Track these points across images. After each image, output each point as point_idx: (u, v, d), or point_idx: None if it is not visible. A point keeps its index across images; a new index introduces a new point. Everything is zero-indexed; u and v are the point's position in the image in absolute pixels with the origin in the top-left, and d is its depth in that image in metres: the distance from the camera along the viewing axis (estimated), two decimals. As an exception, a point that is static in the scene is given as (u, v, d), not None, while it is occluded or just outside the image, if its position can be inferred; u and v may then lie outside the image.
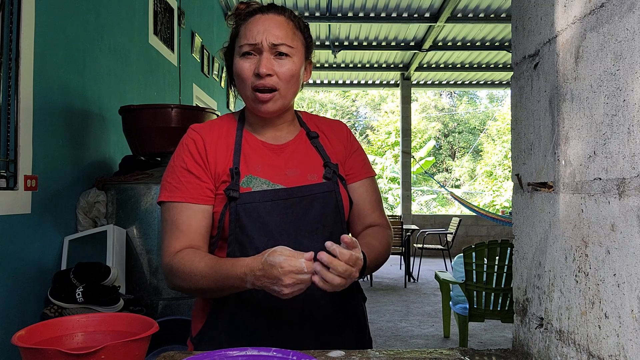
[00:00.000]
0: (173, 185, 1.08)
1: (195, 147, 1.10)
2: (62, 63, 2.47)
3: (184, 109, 2.72)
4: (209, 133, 1.12)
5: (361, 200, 1.20)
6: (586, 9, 0.70)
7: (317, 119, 1.25)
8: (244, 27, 1.09)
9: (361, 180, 1.21)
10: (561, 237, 0.77)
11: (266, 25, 1.07)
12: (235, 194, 1.05)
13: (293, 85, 1.10)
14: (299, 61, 1.10)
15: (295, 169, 1.12)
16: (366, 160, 1.25)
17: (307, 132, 1.19)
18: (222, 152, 1.10)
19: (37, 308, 2.23)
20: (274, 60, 1.06)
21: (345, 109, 22.07)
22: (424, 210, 17.70)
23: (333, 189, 1.13)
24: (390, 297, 5.74)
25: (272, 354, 0.79)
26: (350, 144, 1.23)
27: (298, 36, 1.11)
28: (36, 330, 0.80)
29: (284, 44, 1.07)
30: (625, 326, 0.61)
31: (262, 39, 1.06)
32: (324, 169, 1.15)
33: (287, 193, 1.08)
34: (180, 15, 4.53)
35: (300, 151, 1.16)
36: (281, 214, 1.07)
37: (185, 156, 1.10)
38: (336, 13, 6.94)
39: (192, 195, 1.07)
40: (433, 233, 8.32)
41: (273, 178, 1.10)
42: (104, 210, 2.54)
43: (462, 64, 9.09)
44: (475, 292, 3.45)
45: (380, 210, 1.23)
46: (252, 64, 1.07)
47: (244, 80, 1.08)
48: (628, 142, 0.61)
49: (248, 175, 1.09)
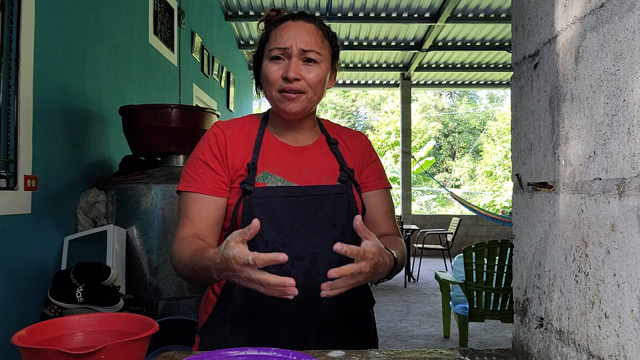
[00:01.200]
0: (190, 176, 1.13)
1: (215, 141, 1.14)
2: (62, 63, 2.47)
3: (184, 109, 2.72)
4: (231, 129, 1.16)
5: (375, 209, 1.22)
6: (586, 9, 0.70)
7: (339, 127, 1.29)
8: (274, 32, 1.13)
9: (376, 190, 1.23)
10: (561, 237, 0.77)
11: (296, 32, 1.10)
12: (250, 187, 1.09)
13: (319, 91, 1.13)
14: (326, 68, 1.14)
15: (311, 169, 1.16)
16: (383, 172, 1.28)
17: (327, 138, 1.23)
18: (241, 148, 1.14)
19: (37, 308, 2.23)
20: (302, 65, 1.10)
21: (345, 109, 22.07)
22: (424, 210, 17.70)
23: (346, 192, 1.15)
24: (390, 297, 5.74)
25: (272, 354, 0.79)
26: (369, 154, 1.26)
27: (326, 44, 1.14)
28: (36, 330, 0.80)
29: (313, 51, 1.10)
30: (625, 326, 0.61)
31: (292, 44, 1.09)
32: (340, 172, 1.17)
33: (301, 191, 1.11)
34: (180, 15, 4.53)
35: (318, 154, 1.19)
36: (293, 210, 1.10)
37: (205, 149, 1.14)
38: (336, 13, 6.95)
39: (205, 186, 1.10)
40: (433, 233, 8.32)
41: (288, 176, 1.13)
42: (104, 210, 2.54)
43: (462, 64, 9.09)
44: (475, 292, 3.45)
45: (393, 221, 1.25)
46: (280, 67, 1.10)
47: (272, 82, 1.11)
48: (628, 142, 0.61)
49: (264, 172, 1.12)
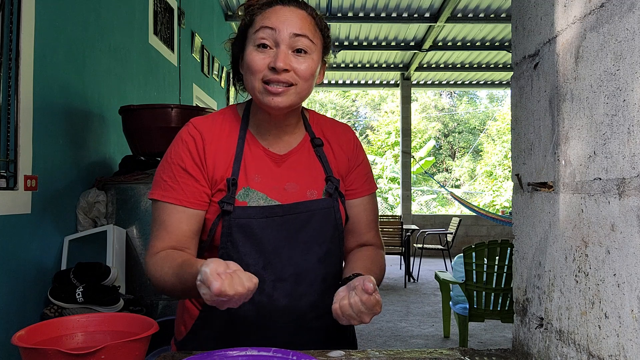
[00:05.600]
0: (168, 184, 1.02)
1: (195, 146, 1.02)
2: (62, 63, 2.47)
3: (184, 109, 2.72)
4: (209, 131, 1.04)
5: (358, 218, 1.15)
6: (586, 9, 0.70)
7: (324, 122, 1.18)
8: (260, 16, 1.00)
9: (362, 197, 1.16)
10: (561, 237, 0.77)
11: (287, 16, 0.99)
12: (230, 207, 1.00)
13: (310, 85, 1.03)
14: (318, 60, 1.03)
15: (294, 183, 1.07)
16: (369, 174, 1.19)
17: (312, 139, 1.12)
18: (221, 157, 1.04)
19: (37, 308, 2.23)
20: (292, 56, 0.98)
21: (345, 109, 22.07)
22: (424, 210, 17.70)
23: (332, 206, 1.08)
24: (390, 297, 5.74)
25: (272, 354, 0.79)
26: (356, 156, 1.16)
27: (318, 34, 1.04)
28: (36, 330, 0.80)
29: (305, 36, 0.98)
30: (625, 326, 0.61)
31: (283, 27, 0.97)
32: (326, 183, 1.09)
33: (284, 210, 1.03)
34: (180, 15, 4.52)
35: (302, 162, 1.09)
36: (275, 230, 1.02)
37: (183, 154, 1.02)
38: (336, 13, 6.94)
39: (187, 198, 1.01)
40: (433, 233, 8.32)
41: (270, 192, 1.04)
42: (104, 210, 2.54)
43: (462, 64, 9.09)
44: (475, 292, 3.45)
45: (376, 230, 1.19)
46: (267, 56, 0.98)
47: (256, 72, 0.98)
48: (628, 142, 0.61)
49: (246, 187, 1.03)
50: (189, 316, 1.09)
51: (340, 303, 0.87)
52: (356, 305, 0.86)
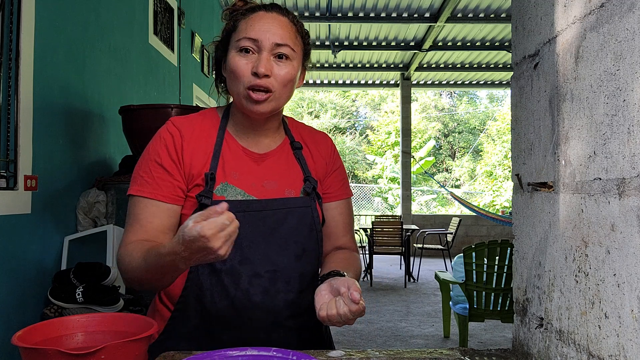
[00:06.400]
0: (144, 180, 1.03)
1: (172, 142, 1.04)
2: (62, 63, 2.47)
3: (184, 109, 2.72)
4: (189, 128, 1.07)
5: (334, 221, 1.18)
6: (586, 9, 0.70)
7: (303, 128, 1.21)
8: (244, 21, 1.04)
9: (338, 201, 1.19)
10: (561, 237, 0.77)
11: (270, 24, 1.03)
12: (207, 201, 1.01)
13: (288, 90, 1.06)
14: (297, 66, 1.06)
15: (273, 182, 1.09)
16: (345, 180, 1.22)
17: (291, 142, 1.15)
18: (199, 154, 1.05)
19: (37, 308, 2.23)
20: (273, 61, 1.02)
21: (345, 109, 22.07)
22: (424, 210, 17.69)
23: (309, 205, 1.10)
24: (390, 297, 5.74)
25: (272, 354, 0.79)
26: (333, 161, 1.20)
27: (299, 41, 1.07)
28: (36, 330, 0.80)
29: (287, 45, 1.02)
30: (625, 326, 0.61)
31: (265, 38, 1.01)
32: (304, 183, 1.11)
33: (261, 205, 1.05)
34: (180, 15, 4.52)
35: (281, 162, 1.12)
36: (252, 225, 1.03)
37: (160, 150, 1.04)
38: (336, 13, 6.95)
39: (162, 192, 1.02)
40: (433, 233, 8.32)
41: (249, 189, 1.06)
42: (104, 210, 2.54)
43: (462, 64, 9.09)
44: (475, 292, 3.45)
45: (351, 234, 1.22)
46: (249, 61, 1.01)
47: (239, 77, 1.01)
48: (628, 142, 0.61)
49: (224, 183, 1.04)
50: (161, 318, 1.08)
51: (329, 313, 0.88)
52: (345, 316, 0.88)
